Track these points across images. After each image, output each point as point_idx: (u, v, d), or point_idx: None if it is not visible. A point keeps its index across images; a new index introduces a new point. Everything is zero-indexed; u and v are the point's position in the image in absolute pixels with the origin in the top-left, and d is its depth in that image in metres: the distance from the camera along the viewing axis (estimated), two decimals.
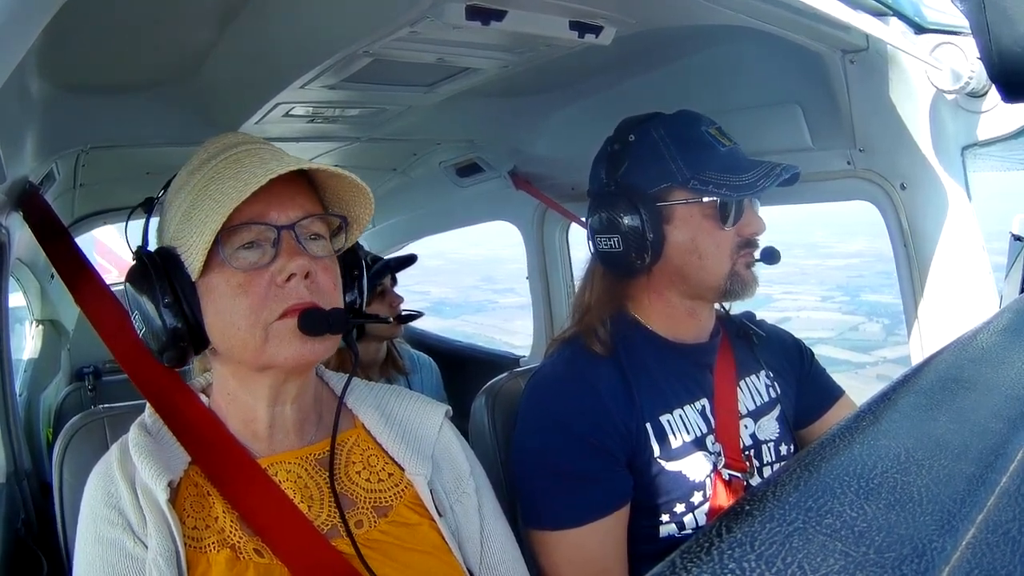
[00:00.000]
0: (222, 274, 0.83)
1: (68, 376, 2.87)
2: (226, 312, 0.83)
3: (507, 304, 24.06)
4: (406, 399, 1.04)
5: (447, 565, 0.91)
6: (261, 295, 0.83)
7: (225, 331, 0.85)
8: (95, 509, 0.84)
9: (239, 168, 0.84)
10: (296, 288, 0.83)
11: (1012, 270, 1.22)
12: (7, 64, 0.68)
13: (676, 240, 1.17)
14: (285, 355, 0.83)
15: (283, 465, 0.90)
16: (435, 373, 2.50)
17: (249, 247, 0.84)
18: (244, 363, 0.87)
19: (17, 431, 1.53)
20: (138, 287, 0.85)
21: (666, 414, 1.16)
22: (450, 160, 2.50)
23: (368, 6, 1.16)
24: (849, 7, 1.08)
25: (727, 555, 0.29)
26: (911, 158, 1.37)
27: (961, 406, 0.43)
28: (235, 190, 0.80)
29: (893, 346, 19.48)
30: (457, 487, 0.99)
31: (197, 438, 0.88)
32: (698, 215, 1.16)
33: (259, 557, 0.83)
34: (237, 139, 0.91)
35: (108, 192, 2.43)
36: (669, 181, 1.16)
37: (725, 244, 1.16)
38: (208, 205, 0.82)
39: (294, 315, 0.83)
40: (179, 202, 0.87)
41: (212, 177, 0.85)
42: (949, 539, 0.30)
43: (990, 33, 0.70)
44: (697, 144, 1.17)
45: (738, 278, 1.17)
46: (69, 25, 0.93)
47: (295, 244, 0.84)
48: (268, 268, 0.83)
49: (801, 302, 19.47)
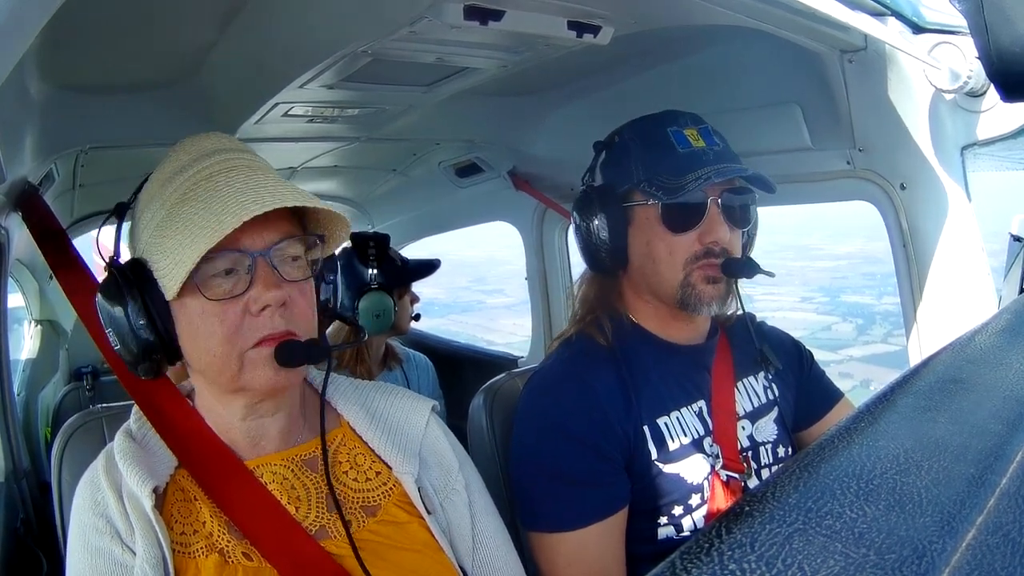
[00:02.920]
0: (196, 299, 0.82)
1: (66, 376, 2.87)
2: (200, 337, 0.83)
3: (494, 304, 24.33)
4: (391, 396, 1.02)
5: (438, 563, 0.90)
6: (235, 324, 0.82)
7: (199, 354, 0.84)
8: (83, 518, 0.84)
9: (212, 192, 0.81)
10: (271, 319, 0.82)
11: (1011, 271, 1.22)
12: (6, 64, 0.68)
13: (634, 243, 1.19)
14: (260, 382, 0.83)
15: (269, 467, 0.90)
16: (431, 372, 2.51)
17: (225, 274, 0.82)
18: (218, 385, 0.87)
19: (15, 431, 1.52)
20: (111, 302, 0.84)
21: (663, 416, 1.16)
22: (449, 160, 2.50)
23: (367, 6, 1.16)
24: (847, 7, 1.08)
25: (727, 556, 0.29)
26: (910, 158, 1.37)
27: (960, 407, 0.43)
28: (209, 225, 0.78)
29: (862, 345, 19.79)
30: (446, 484, 0.98)
31: (184, 441, 0.88)
32: (653, 218, 1.16)
33: (248, 561, 0.83)
34: (212, 145, 0.88)
35: (107, 193, 2.42)
36: (628, 183, 1.17)
37: (679, 251, 1.14)
38: (181, 235, 0.80)
39: (269, 344, 0.82)
40: (151, 213, 0.85)
41: (185, 195, 0.83)
42: (949, 540, 0.30)
43: (988, 33, 0.70)
44: (657, 145, 1.16)
45: (692, 290, 1.14)
46: (68, 25, 0.93)
47: (270, 272, 0.82)
48: (242, 297, 0.82)
49: (781, 302, 19.64)
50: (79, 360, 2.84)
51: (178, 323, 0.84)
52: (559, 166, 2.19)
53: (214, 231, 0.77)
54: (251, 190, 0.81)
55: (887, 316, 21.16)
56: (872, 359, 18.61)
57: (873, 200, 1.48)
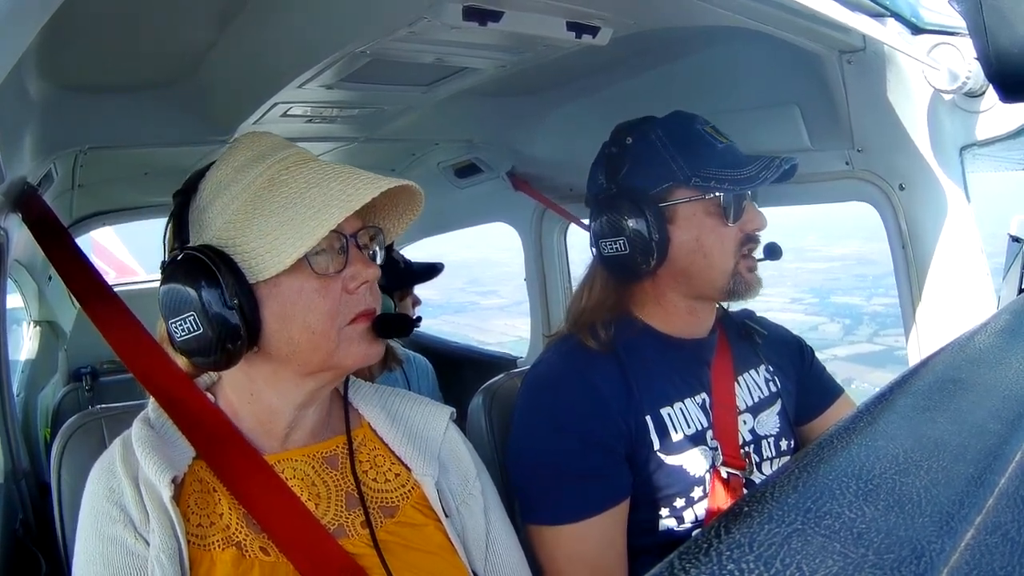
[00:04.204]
0: (296, 278, 0.83)
1: (65, 376, 2.87)
2: (299, 315, 0.83)
3: (487, 305, 24.47)
4: (410, 401, 1.04)
5: (452, 566, 0.91)
6: (337, 300, 0.85)
7: (294, 334, 0.84)
8: (97, 505, 0.83)
9: (320, 174, 0.85)
10: (364, 295, 0.87)
11: (1010, 271, 1.22)
12: (5, 64, 0.68)
13: (680, 240, 1.17)
14: (356, 356, 0.86)
15: (290, 463, 0.90)
16: (430, 373, 2.50)
17: (319, 253, 0.84)
18: (304, 365, 0.86)
19: (15, 431, 1.52)
20: (194, 286, 0.81)
21: (667, 407, 1.16)
22: (448, 160, 2.50)
23: (366, 6, 1.16)
24: (846, 8, 1.08)
25: (726, 556, 0.29)
26: (909, 159, 1.37)
27: (959, 407, 0.43)
28: (332, 202, 0.81)
29: (847, 345, 20.04)
30: (464, 489, 0.99)
31: (205, 433, 0.87)
32: (701, 213, 1.16)
33: (265, 555, 0.83)
34: (277, 141, 0.91)
35: (107, 193, 2.43)
36: (670, 180, 1.16)
37: (730, 241, 1.17)
38: (291, 211, 0.82)
39: (364, 320, 0.86)
40: (227, 199, 0.86)
41: (273, 179, 0.85)
42: (948, 540, 0.30)
43: (987, 34, 0.70)
44: (695, 142, 1.17)
45: (741, 279, 1.17)
46: (67, 25, 0.93)
47: (360, 253, 0.88)
48: (340, 275, 0.85)
49: (770, 303, 19.76)
50: (78, 361, 2.84)
51: (265, 305, 0.84)
52: (558, 167, 2.19)
53: (344, 206, 0.80)
54: (356, 175, 0.85)
55: (875, 317, 21.34)
56: (856, 358, 18.88)
57: (872, 201, 1.48)
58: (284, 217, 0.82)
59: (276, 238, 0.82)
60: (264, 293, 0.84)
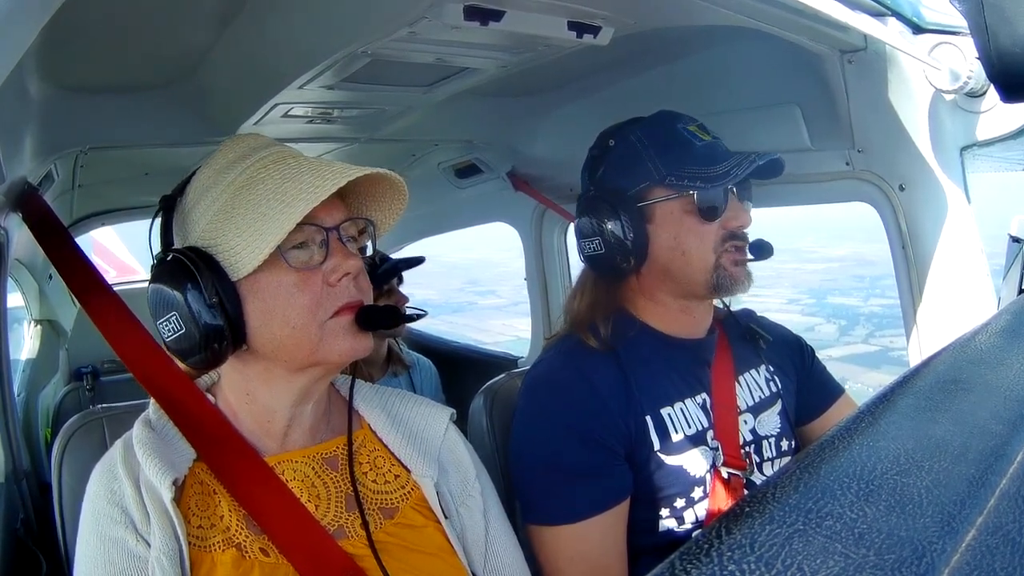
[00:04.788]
0: (273, 273, 0.83)
1: (66, 376, 2.87)
2: (279, 311, 0.83)
3: (485, 305, 24.57)
4: (411, 402, 1.04)
5: (451, 567, 0.91)
6: (317, 293, 0.84)
7: (275, 330, 0.84)
8: (98, 506, 0.83)
9: (294, 168, 0.84)
10: (347, 287, 0.86)
11: (1010, 272, 1.22)
12: (5, 64, 0.68)
13: (660, 239, 1.18)
14: (340, 350, 0.85)
15: (290, 464, 0.90)
16: (433, 375, 2.51)
17: (299, 247, 0.84)
18: (290, 361, 0.86)
19: (15, 431, 1.52)
20: (177, 287, 0.83)
21: (667, 407, 1.16)
22: (449, 161, 2.50)
23: (366, 6, 1.16)
24: (847, 7, 1.08)
25: (727, 557, 0.29)
26: (910, 159, 1.37)
27: (960, 408, 0.43)
28: (300, 195, 0.81)
29: (843, 346, 20.12)
30: (463, 490, 0.99)
31: (206, 435, 0.87)
32: (678, 211, 1.17)
33: (265, 556, 0.83)
34: (262, 141, 0.91)
35: (107, 193, 2.43)
36: (647, 180, 1.17)
37: (708, 239, 1.16)
38: (264, 207, 0.82)
39: (347, 312, 0.85)
40: (208, 201, 0.86)
41: (252, 179, 0.85)
42: (949, 541, 0.30)
43: (988, 33, 0.70)
44: (673, 141, 1.18)
45: (725, 272, 1.17)
46: (68, 26, 0.93)
47: (341, 245, 0.87)
48: (320, 268, 0.85)
49: (768, 304, 19.80)
50: (79, 360, 2.84)
51: (247, 303, 0.84)
52: (559, 167, 2.19)
53: (309, 197, 0.80)
54: (331, 166, 0.84)
55: (871, 317, 21.38)
56: (851, 359, 18.96)
57: (872, 201, 1.48)
58: (258, 213, 0.82)
59: (252, 234, 0.82)
60: (245, 290, 0.84)
